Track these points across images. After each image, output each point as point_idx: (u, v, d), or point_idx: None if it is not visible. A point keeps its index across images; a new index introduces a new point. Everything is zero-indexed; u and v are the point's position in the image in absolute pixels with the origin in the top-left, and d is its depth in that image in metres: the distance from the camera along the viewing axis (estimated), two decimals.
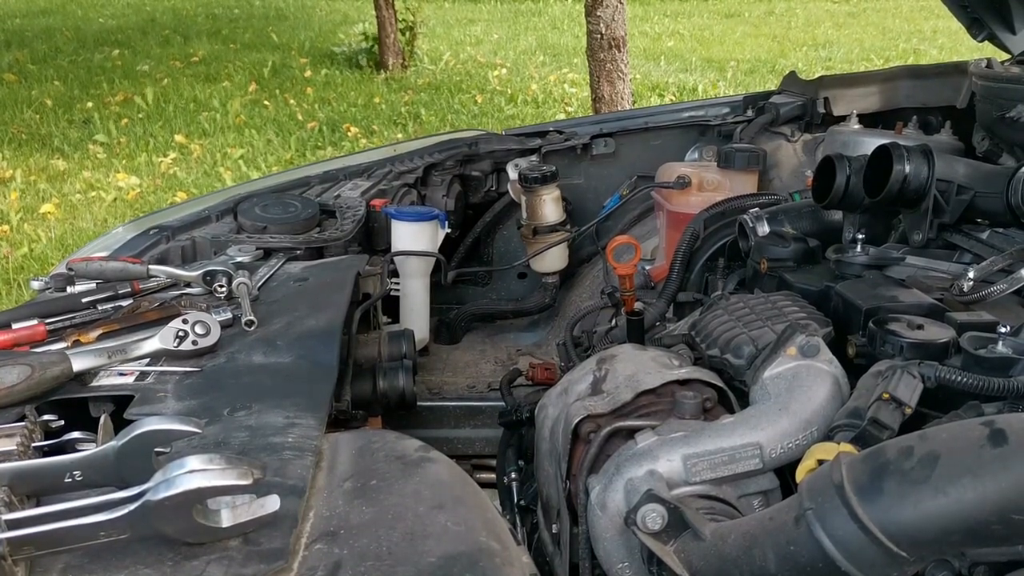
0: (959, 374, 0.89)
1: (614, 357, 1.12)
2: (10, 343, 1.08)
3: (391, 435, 0.92)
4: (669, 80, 7.94)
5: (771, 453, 0.93)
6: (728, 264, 1.50)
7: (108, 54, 8.85)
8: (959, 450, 0.68)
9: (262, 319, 1.18)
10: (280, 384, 1.01)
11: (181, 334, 1.07)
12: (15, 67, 8.10)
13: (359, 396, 1.28)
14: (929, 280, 1.18)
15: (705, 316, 1.18)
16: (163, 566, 0.69)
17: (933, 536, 0.67)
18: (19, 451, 0.81)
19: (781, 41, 10.23)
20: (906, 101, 2.06)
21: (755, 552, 0.75)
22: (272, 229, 1.58)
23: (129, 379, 1.01)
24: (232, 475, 0.68)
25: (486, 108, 6.99)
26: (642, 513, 0.85)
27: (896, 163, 1.23)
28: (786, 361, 0.98)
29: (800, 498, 0.74)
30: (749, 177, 1.96)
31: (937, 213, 1.25)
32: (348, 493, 0.80)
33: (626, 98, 5.33)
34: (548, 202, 2.02)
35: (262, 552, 0.70)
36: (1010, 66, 1.75)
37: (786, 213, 1.43)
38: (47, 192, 5.07)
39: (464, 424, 1.55)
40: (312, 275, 1.37)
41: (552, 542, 1.10)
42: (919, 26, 10.94)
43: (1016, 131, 1.55)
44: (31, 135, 6.16)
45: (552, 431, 1.10)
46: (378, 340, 1.39)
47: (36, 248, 4.28)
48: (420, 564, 0.70)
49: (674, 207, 1.87)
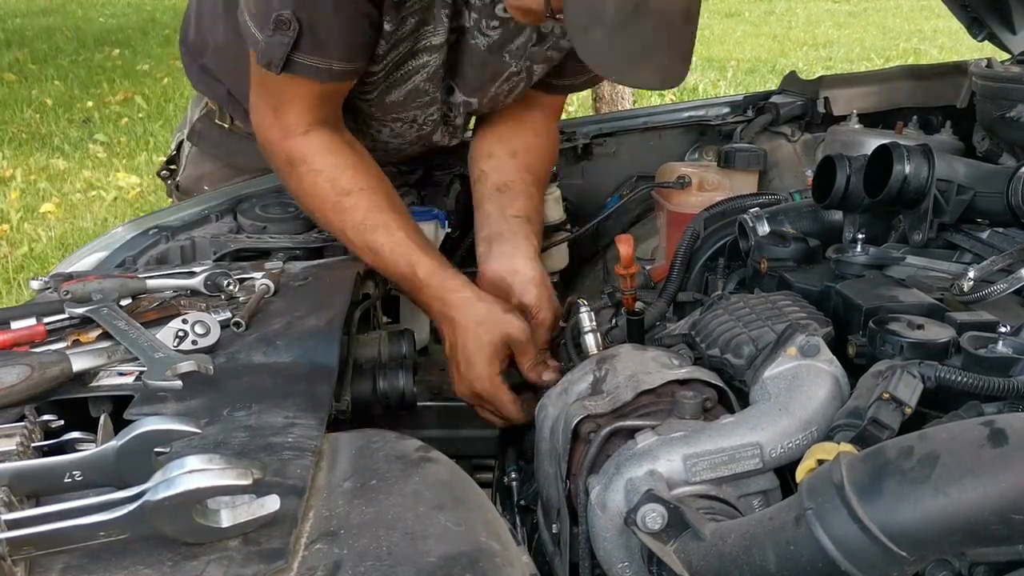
0: (959, 374, 0.89)
1: (614, 357, 1.12)
2: (9, 343, 1.07)
3: (391, 435, 0.92)
4: None
5: (771, 453, 0.93)
6: (728, 264, 1.50)
7: (108, 54, 8.85)
8: (959, 450, 0.68)
9: (262, 319, 1.18)
10: (280, 384, 1.01)
11: (181, 334, 1.08)
12: (15, 67, 8.10)
13: (359, 396, 1.28)
14: (929, 280, 1.18)
15: (705, 316, 1.18)
16: (163, 566, 0.69)
17: (933, 536, 0.67)
18: (19, 451, 0.81)
19: (781, 41, 10.23)
20: (906, 101, 2.06)
21: (755, 552, 0.75)
22: (272, 229, 1.58)
23: (129, 379, 1.01)
24: (232, 475, 0.68)
25: None
26: (642, 513, 0.85)
27: (896, 163, 1.23)
28: (786, 361, 0.98)
29: (800, 498, 0.74)
30: (749, 177, 1.96)
31: (937, 213, 1.25)
32: (348, 493, 0.80)
33: (626, 98, 5.34)
34: (548, 202, 2.02)
35: (262, 552, 0.70)
36: (1010, 66, 1.75)
37: (786, 213, 1.43)
38: (47, 191, 5.07)
39: (464, 424, 1.55)
40: (312, 275, 1.37)
41: (552, 542, 1.10)
42: (919, 26, 10.93)
43: (1016, 131, 1.55)
44: (31, 134, 6.16)
45: (552, 431, 1.10)
46: (378, 340, 1.39)
47: (36, 248, 4.28)
48: (420, 564, 0.70)
49: (674, 207, 1.87)
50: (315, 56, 1.33)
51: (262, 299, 1.23)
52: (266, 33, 1.31)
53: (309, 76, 1.35)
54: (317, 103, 1.42)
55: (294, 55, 1.32)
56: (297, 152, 1.44)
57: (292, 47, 1.30)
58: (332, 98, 1.45)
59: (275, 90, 1.41)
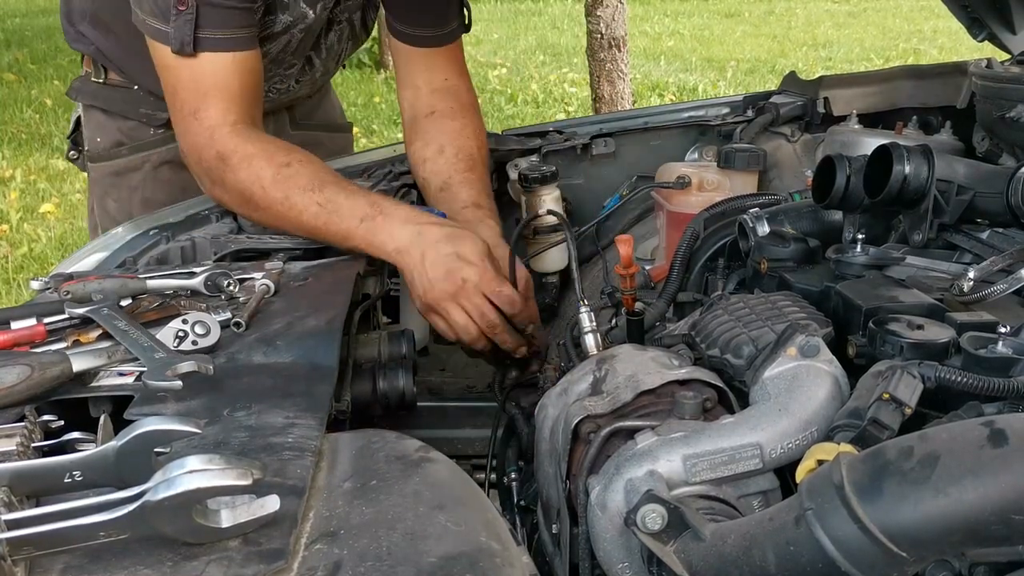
0: (959, 374, 0.89)
1: (614, 357, 1.12)
2: (9, 343, 1.08)
3: (391, 435, 0.92)
4: (669, 80, 7.95)
5: (771, 453, 0.93)
6: (728, 264, 1.50)
7: None
8: (959, 450, 0.68)
9: (262, 319, 1.18)
10: (280, 384, 1.01)
11: (181, 334, 1.08)
12: (15, 66, 8.10)
13: (359, 396, 1.28)
14: (929, 280, 1.18)
15: (705, 316, 1.18)
16: (163, 566, 0.69)
17: (933, 536, 0.67)
18: (19, 451, 0.81)
19: (781, 41, 10.24)
20: (906, 101, 2.06)
21: (755, 552, 0.75)
22: (272, 229, 1.57)
23: (129, 379, 1.01)
24: (232, 475, 0.68)
25: (486, 108, 7.01)
26: (642, 513, 0.85)
27: (896, 163, 1.23)
28: (786, 361, 0.98)
29: (800, 498, 0.74)
30: (749, 177, 1.96)
31: (937, 213, 1.25)
32: (348, 493, 0.80)
33: (626, 98, 5.35)
34: (548, 202, 2.02)
35: (262, 552, 0.70)
36: (1010, 66, 1.75)
37: (786, 213, 1.43)
38: (47, 191, 5.07)
39: (464, 424, 1.55)
40: (312, 275, 1.37)
41: (552, 542, 1.10)
42: (919, 26, 10.94)
43: (1016, 131, 1.55)
44: (31, 134, 6.16)
45: (552, 431, 1.10)
46: (378, 340, 1.39)
47: (36, 248, 4.28)
48: (420, 564, 0.70)
49: (674, 207, 1.87)
50: (221, 28, 1.44)
51: (262, 299, 1.23)
52: (171, 21, 1.42)
53: (221, 48, 1.45)
54: (236, 90, 1.49)
55: (200, 32, 1.43)
56: (227, 146, 1.48)
57: (196, 25, 1.41)
58: (247, 80, 1.51)
59: (191, 85, 1.48)
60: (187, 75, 1.47)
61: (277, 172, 1.46)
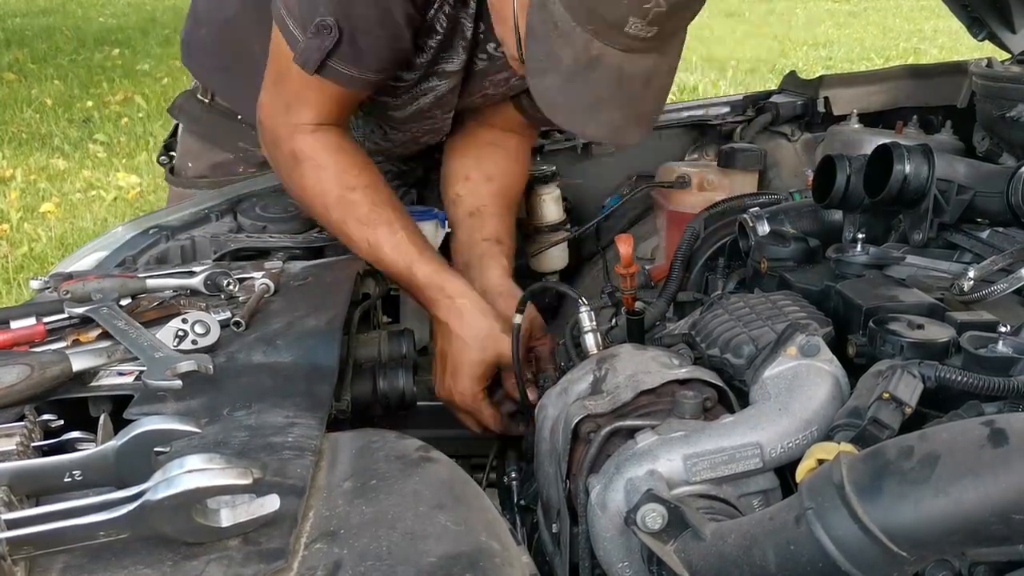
0: (959, 374, 0.89)
1: (614, 357, 1.12)
2: (9, 343, 1.07)
3: (391, 435, 0.92)
4: None
5: (771, 453, 0.93)
6: (728, 264, 1.50)
7: (108, 53, 8.85)
8: (959, 450, 0.68)
9: (262, 319, 1.18)
10: (280, 384, 1.01)
11: (181, 334, 1.07)
12: (15, 66, 8.10)
13: (359, 396, 1.28)
14: (929, 280, 1.18)
15: (705, 316, 1.18)
16: (163, 566, 0.68)
17: (934, 536, 0.67)
18: (19, 451, 0.81)
19: (782, 40, 10.23)
20: (906, 100, 2.06)
21: (755, 552, 0.75)
22: (272, 229, 1.58)
23: (129, 379, 1.01)
24: (231, 475, 0.68)
25: None
26: (642, 513, 0.85)
27: (896, 163, 1.23)
28: (786, 361, 0.98)
29: (800, 498, 0.74)
30: (749, 177, 1.96)
31: (937, 213, 1.25)
32: (348, 493, 0.80)
33: None
34: (548, 202, 2.02)
35: (262, 552, 0.70)
36: (1010, 66, 1.75)
37: (786, 213, 1.43)
38: (47, 191, 5.07)
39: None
40: (312, 275, 1.37)
41: (552, 542, 1.10)
42: (919, 26, 10.93)
43: (1016, 131, 1.55)
44: (31, 134, 6.16)
45: (552, 431, 1.10)
46: (378, 340, 1.39)
47: (36, 247, 4.28)
48: (420, 564, 0.70)
49: (674, 207, 1.87)
50: (351, 65, 1.36)
51: (262, 299, 1.23)
52: (307, 35, 1.33)
53: (339, 81, 1.38)
54: (333, 106, 1.45)
55: (329, 60, 1.34)
56: (304, 149, 1.45)
57: (329, 53, 1.33)
58: (349, 103, 1.48)
59: (295, 88, 1.43)
60: (297, 79, 1.39)
61: (341, 196, 1.44)
